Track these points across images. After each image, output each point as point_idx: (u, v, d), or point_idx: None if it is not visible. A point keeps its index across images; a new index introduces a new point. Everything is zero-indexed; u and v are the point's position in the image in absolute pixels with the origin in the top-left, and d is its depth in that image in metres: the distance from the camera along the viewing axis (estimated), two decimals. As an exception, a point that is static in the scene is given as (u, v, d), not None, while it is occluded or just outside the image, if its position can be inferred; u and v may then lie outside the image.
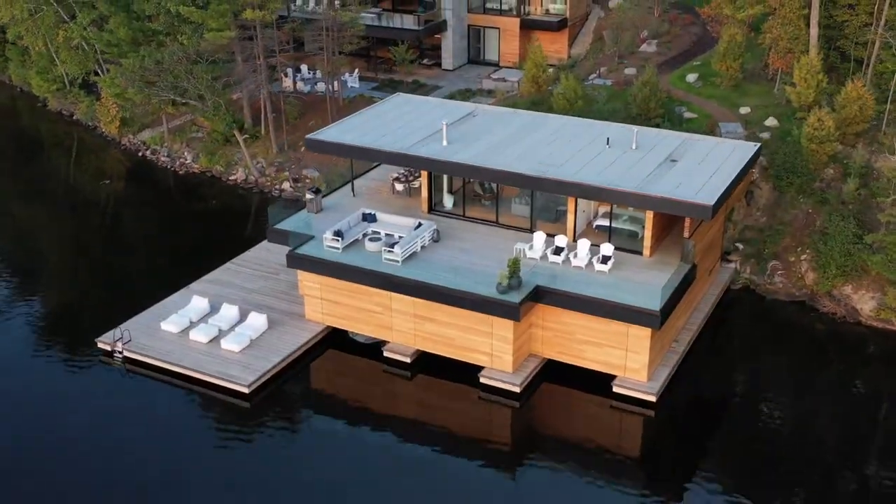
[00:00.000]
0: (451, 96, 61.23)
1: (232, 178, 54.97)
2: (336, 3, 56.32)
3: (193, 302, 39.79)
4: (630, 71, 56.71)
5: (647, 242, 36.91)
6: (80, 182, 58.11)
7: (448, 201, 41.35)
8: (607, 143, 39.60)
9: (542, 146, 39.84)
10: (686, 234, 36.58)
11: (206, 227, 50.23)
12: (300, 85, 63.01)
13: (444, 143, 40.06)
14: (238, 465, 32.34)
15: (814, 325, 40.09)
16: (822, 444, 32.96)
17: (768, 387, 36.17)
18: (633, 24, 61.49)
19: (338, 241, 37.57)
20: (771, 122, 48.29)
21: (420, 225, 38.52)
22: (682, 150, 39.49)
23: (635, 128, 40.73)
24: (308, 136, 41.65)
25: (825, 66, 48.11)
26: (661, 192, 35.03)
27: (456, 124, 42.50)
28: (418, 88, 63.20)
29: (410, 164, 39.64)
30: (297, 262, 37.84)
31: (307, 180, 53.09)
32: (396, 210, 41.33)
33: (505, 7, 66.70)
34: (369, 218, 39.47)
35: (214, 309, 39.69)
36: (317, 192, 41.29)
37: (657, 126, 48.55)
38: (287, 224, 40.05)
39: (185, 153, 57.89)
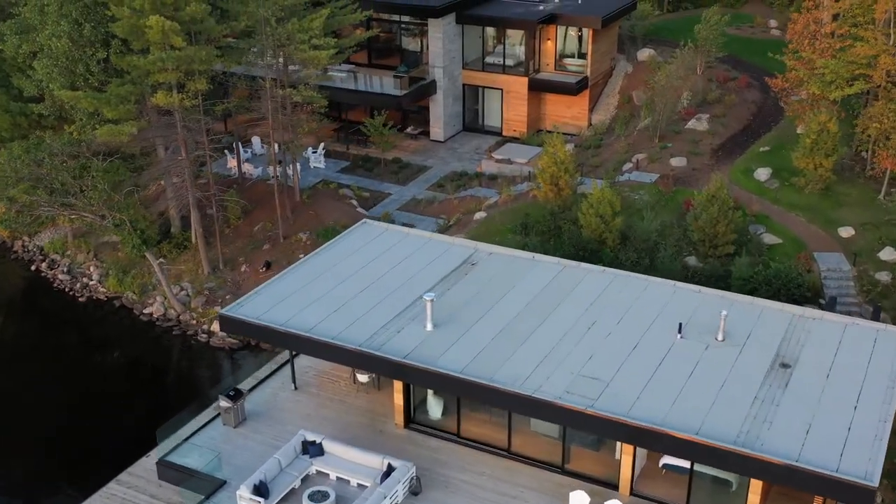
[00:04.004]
0: (441, 185, 47.46)
1: (147, 310, 40.96)
2: (293, 67, 42.48)
3: (43, 576, 25.95)
4: (678, 162, 42.84)
5: (753, 512, 23.14)
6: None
7: (434, 408, 27.47)
8: (679, 333, 25.80)
9: (577, 334, 26.01)
10: (817, 507, 22.84)
11: (94, 404, 35.10)
12: (248, 167, 49.12)
13: (429, 326, 26.26)
14: None
15: None
16: None
17: None
18: (672, 85, 47.67)
19: (259, 502, 23.74)
20: (888, 254, 34.56)
21: (391, 470, 24.62)
22: (794, 340, 25.71)
23: (722, 304, 26.90)
24: (222, 311, 27.66)
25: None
26: (780, 455, 21.20)
27: (447, 282, 28.72)
28: (401, 171, 49.41)
29: (375, 368, 25.83)
30: (195, 537, 24.01)
31: (245, 321, 39.09)
32: (356, 422, 27.52)
33: (510, 63, 52.81)
34: (312, 450, 25.55)
35: (75, 588, 25.86)
36: (236, 396, 27.33)
37: (729, 257, 35.06)
38: (186, 454, 26.19)
39: (92, 268, 43.82)
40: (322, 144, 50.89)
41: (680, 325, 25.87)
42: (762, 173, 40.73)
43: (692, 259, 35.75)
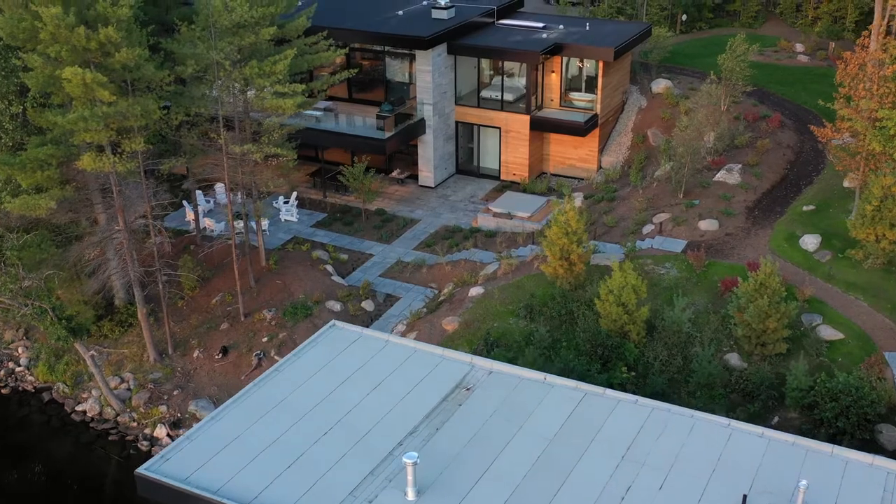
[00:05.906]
0: (429, 243, 41.14)
1: (81, 407, 34.49)
2: (255, 114, 36.13)
3: None
4: (708, 224, 36.57)
5: None
6: None
7: None
8: (743, 507, 19.47)
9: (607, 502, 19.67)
10: None
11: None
12: (209, 222, 42.74)
13: (410, 494, 19.87)
14: None
15: None
16: None
17: None
18: (696, 127, 41.37)
19: None
20: (977, 356, 28.37)
21: None
22: (894, 515, 19.43)
23: (794, 456, 20.57)
24: (139, 470, 21.11)
25: None
26: None
27: (436, 418, 22.33)
28: (385, 225, 43.07)
29: (338, 561, 19.43)
30: None
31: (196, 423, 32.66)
32: None
33: (509, 98, 46.45)
34: None
35: None
36: (159, 582, 20.92)
37: (780, 355, 28.81)
38: None
39: (21, 350, 37.42)
40: (294, 193, 44.46)
41: (744, 497, 19.48)
42: (809, 241, 34.46)
43: (734, 357, 29.45)
